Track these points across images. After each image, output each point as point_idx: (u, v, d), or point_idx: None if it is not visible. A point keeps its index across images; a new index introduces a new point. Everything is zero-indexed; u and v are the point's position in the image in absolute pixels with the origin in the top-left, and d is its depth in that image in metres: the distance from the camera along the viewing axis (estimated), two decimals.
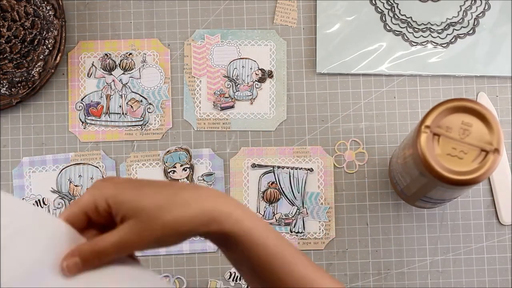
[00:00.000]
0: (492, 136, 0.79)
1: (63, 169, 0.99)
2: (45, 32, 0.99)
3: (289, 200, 0.98)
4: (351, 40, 1.00)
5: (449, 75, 1.00)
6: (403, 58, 1.00)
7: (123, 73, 1.01)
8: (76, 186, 0.98)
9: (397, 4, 1.01)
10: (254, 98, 1.01)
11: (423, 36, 1.00)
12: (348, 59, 1.00)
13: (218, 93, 1.01)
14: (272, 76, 1.01)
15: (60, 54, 0.98)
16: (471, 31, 1.00)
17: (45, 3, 0.99)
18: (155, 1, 1.02)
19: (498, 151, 0.79)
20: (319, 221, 0.98)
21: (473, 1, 1.01)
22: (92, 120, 1.00)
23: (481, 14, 1.01)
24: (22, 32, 1.00)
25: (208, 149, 1.00)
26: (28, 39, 1.00)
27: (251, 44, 1.01)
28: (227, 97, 1.00)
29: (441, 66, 1.00)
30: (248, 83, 1.01)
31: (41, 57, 0.99)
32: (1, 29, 0.99)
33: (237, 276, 0.98)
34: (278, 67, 1.01)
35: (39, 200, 0.98)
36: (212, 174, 0.99)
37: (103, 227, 0.64)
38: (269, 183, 0.99)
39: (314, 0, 1.02)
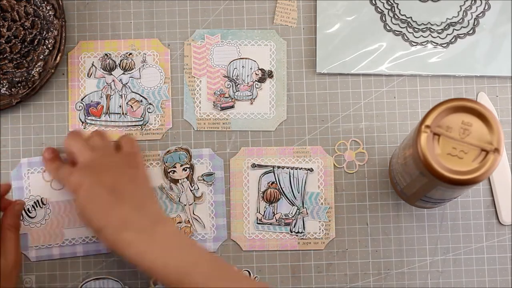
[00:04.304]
0: (492, 136, 0.79)
1: None
2: (45, 32, 0.99)
3: (289, 200, 0.98)
4: (351, 40, 1.00)
5: (449, 75, 1.00)
6: (403, 58, 1.00)
7: (123, 73, 1.01)
8: None
9: (397, 4, 1.01)
10: (254, 98, 1.01)
11: (423, 36, 1.01)
12: (348, 59, 1.00)
13: (218, 93, 1.00)
14: (272, 76, 1.01)
15: (60, 54, 0.98)
16: (471, 31, 1.00)
17: (45, 3, 0.99)
18: (155, 1, 1.02)
19: (498, 151, 0.79)
20: (319, 221, 0.98)
21: (473, 1, 1.01)
22: (92, 120, 1.00)
23: (481, 14, 1.01)
24: (22, 32, 1.00)
25: (208, 149, 1.00)
26: (28, 39, 1.00)
27: (251, 44, 1.01)
28: (227, 97, 1.00)
29: (441, 66, 1.00)
30: (248, 83, 1.01)
31: (41, 57, 0.99)
32: (1, 29, 0.99)
33: None
34: (278, 67, 1.01)
35: (37, 201, 0.98)
36: (212, 174, 0.99)
37: None
38: (269, 183, 0.99)
39: (314, 0, 1.02)
